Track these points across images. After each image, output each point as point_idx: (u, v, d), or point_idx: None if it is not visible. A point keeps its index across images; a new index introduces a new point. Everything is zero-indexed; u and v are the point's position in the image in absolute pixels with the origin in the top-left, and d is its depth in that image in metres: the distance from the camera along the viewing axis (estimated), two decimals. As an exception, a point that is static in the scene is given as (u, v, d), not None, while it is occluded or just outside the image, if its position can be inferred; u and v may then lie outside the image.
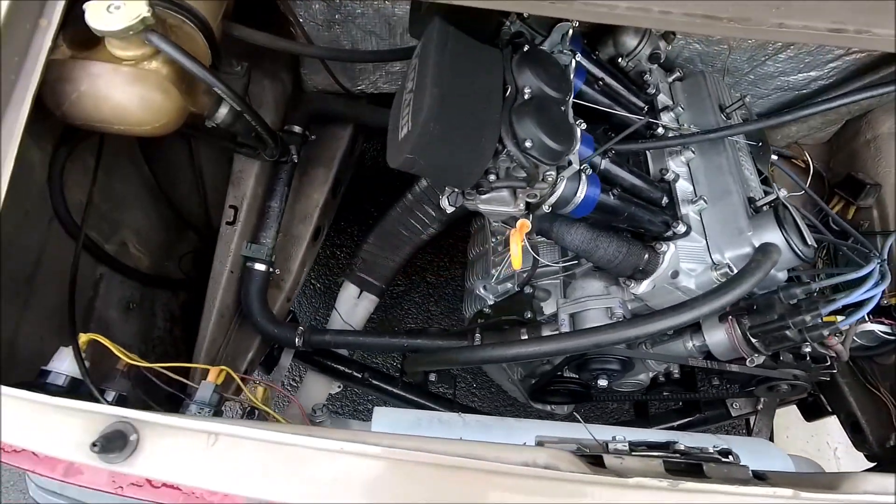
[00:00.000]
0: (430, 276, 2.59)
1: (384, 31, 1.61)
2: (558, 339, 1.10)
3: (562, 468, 0.70)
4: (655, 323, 1.01)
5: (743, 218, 1.24)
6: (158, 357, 1.69)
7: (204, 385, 0.92)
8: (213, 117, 1.14)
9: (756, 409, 1.72)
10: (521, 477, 0.67)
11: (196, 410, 0.92)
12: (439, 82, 0.88)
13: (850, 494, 0.70)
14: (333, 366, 1.72)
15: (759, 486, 0.71)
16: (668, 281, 1.25)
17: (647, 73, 1.53)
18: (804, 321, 1.10)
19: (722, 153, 1.36)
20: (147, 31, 0.92)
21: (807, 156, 1.80)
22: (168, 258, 1.81)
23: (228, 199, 1.54)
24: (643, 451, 0.76)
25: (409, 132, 0.89)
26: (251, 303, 1.51)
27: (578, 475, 0.68)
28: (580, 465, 0.72)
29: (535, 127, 0.91)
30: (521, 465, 0.70)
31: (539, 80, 0.99)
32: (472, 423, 1.37)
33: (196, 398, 0.93)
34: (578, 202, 1.09)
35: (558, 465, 0.71)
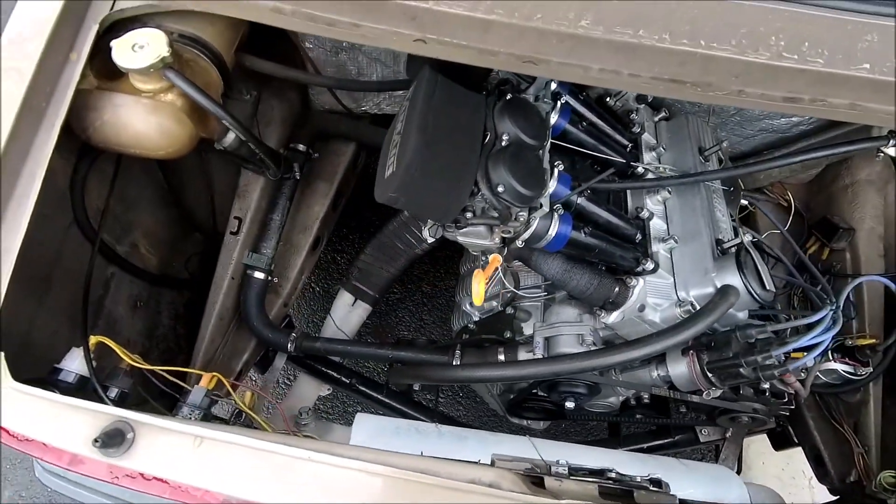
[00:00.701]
0: (425, 285, 2.68)
1: (388, 59, 1.71)
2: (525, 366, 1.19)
3: (503, 487, 0.80)
4: (614, 356, 1.10)
5: (709, 259, 1.31)
6: (161, 353, 1.80)
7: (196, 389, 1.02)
8: (221, 141, 1.25)
9: (724, 436, 1.79)
10: (466, 493, 0.76)
11: (188, 412, 1.02)
12: (423, 131, 0.97)
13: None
14: (324, 370, 1.82)
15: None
16: (635, 313, 1.34)
17: (634, 112, 1.62)
18: (756, 361, 1.18)
19: (697, 195, 1.44)
20: (165, 68, 1.03)
21: (789, 195, 1.87)
22: (175, 259, 1.93)
23: (234, 211, 1.65)
24: (581, 476, 0.84)
25: (394, 173, 0.98)
26: (249, 308, 1.61)
27: (517, 494, 0.77)
28: (520, 486, 0.81)
29: (508, 173, 1.00)
30: (467, 483, 0.79)
31: (517, 127, 1.08)
32: (446, 435, 1.46)
33: (188, 401, 1.03)
34: (550, 239, 1.17)
35: (500, 484, 0.80)
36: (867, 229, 1.69)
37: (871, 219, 1.69)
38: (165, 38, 1.03)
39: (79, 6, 1.07)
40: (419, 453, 1.16)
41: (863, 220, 1.70)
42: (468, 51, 1.02)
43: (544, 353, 1.44)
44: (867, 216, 1.69)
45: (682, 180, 1.34)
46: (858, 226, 1.70)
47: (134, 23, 1.12)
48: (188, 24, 1.14)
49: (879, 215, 1.69)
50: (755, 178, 1.80)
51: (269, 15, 1.06)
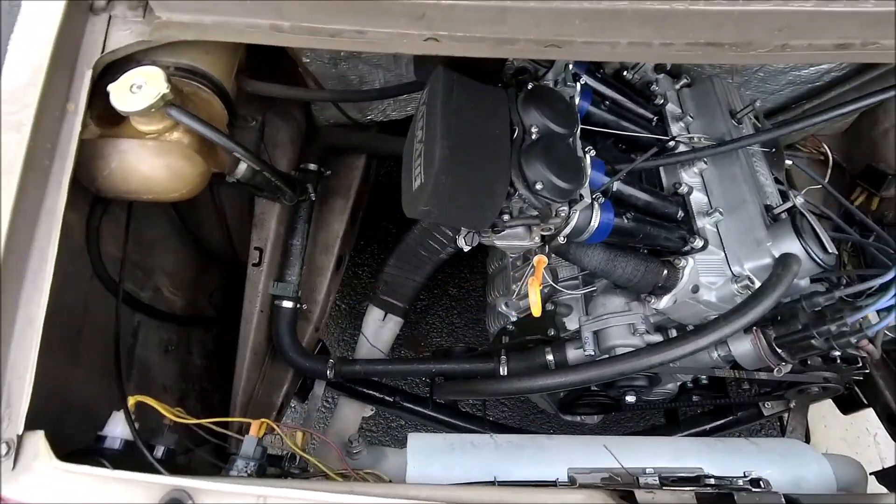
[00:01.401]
0: (451, 288, 2.62)
1: (390, 63, 1.64)
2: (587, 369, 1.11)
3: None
4: (679, 348, 1.03)
5: (760, 228, 1.23)
6: (198, 394, 1.76)
7: (248, 440, 0.97)
8: (233, 174, 1.19)
9: (789, 407, 1.71)
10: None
11: (243, 466, 0.97)
12: (448, 134, 0.90)
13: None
14: (365, 391, 1.77)
15: (792, 517, 0.72)
16: (689, 296, 1.26)
17: (654, 83, 1.53)
18: (829, 330, 1.10)
19: (735, 162, 1.35)
20: (167, 105, 0.97)
21: (825, 148, 1.77)
22: (199, 296, 1.89)
23: (253, 242, 1.60)
24: (674, 485, 0.78)
25: (423, 184, 0.92)
26: (282, 339, 1.56)
27: (609, 518, 0.71)
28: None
29: (545, 168, 0.93)
30: (552, 511, 0.73)
31: (545, 118, 1.01)
32: (503, 445, 1.39)
33: (241, 453, 0.98)
34: (593, 231, 1.10)
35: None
36: (916, 173, 1.59)
37: (919, 161, 1.59)
38: (163, 74, 0.97)
39: (68, 53, 1.01)
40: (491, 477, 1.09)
41: (910, 164, 1.60)
42: (485, 43, 0.94)
43: (595, 348, 1.37)
44: (914, 159, 1.60)
45: (721, 148, 1.26)
46: (906, 170, 1.60)
47: (128, 62, 1.07)
48: (183, 56, 1.09)
49: (927, 156, 1.59)
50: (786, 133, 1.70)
51: (267, 35, 0.99)
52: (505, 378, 1.30)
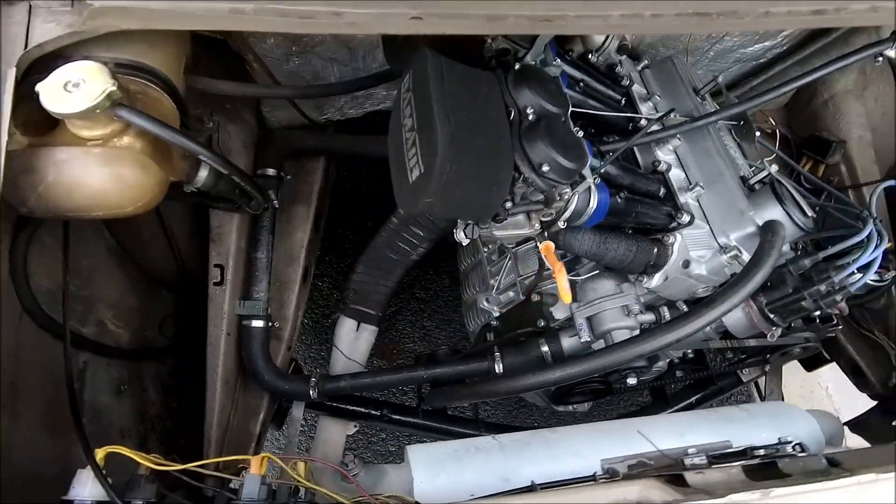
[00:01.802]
0: (418, 291, 2.54)
1: (345, 57, 1.55)
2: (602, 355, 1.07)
3: (655, 500, 0.69)
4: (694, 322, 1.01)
5: (741, 198, 1.26)
6: (160, 434, 1.58)
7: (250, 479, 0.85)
8: (192, 182, 1.06)
9: (764, 371, 1.77)
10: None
11: (249, 510, 0.84)
12: (446, 120, 0.83)
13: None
14: (349, 408, 1.65)
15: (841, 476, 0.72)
16: (680, 271, 1.26)
17: (618, 65, 1.54)
18: (819, 291, 1.13)
19: (707, 137, 1.38)
20: (115, 106, 0.83)
21: (771, 121, 1.86)
22: (147, 326, 1.69)
23: (212, 258, 1.45)
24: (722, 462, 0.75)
25: (423, 175, 0.84)
26: (256, 362, 1.42)
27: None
28: (670, 492, 0.70)
29: (549, 149, 0.89)
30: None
31: (539, 97, 0.96)
32: (509, 445, 1.33)
33: (244, 495, 0.85)
34: (591, 212, 1.07)
35: (650, 498, 0.69)
36: (856, 138, 1.70)
37: (858, 127, 1.70)
38: (105, 69, 0.83)
39: (-19, 51, 0.85)
40: (503, 480, 1.03)
41: (850, 131, 1.71)
42: (473, 20, 0.88)
43: (590, 334, 1.35)
44: (853, 126, 1.70)
45: (697, 123, 1.27)
46: (847, 136, 1.71)
47: (55, 60, 0.91)
48: (123, 50, 0.94)
49: (864, 123, 1.70)
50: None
51: (227, 20, 0.88)
52: (509, 376, 1.24)
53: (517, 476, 1.24)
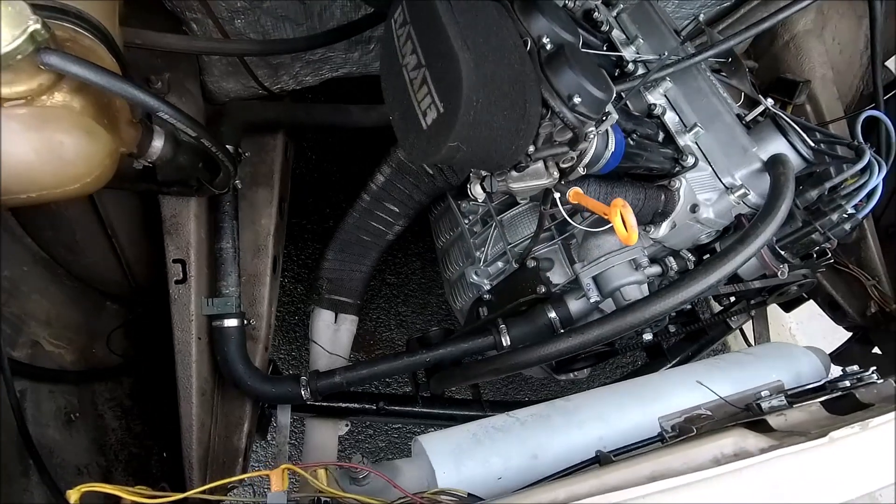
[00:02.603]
0: (389, 276, 2.39)
1: (299, 14, 1.37)
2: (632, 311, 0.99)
3: (752, 448, 0.61)
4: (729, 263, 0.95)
5: (742, 135, 1.22)
6: (126, 464, 1.37)
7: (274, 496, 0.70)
8: (145, 154, 0.86)
9: (751, 316, 1.79)
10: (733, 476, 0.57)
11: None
12: (465, 45, 0.71)
13: None
14: (340, 406, 1.50)
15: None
16: (688, 217, 1.21)
17: (595, 10, 1.46)
18: (831, 221, 1.11)
19: (698, 77, 1.33)
20: (41, 50, 0.64)
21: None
22: (93, 342, 1.46)
23: (170, 254, 1.24)
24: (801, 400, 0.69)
25: (444, 114, 0.71)
26: (235, 367, 1.24)
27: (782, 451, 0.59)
28: (764, 438, 0.63)
29: (580, 77, 0.78)
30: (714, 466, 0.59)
31: (554, 24, 0.85)
32: (528, 420, 1.25)
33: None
34: (609, 156, 0.99)
35: (746, 448, 0.62)
36: (819, 77, 1.73)
37: (820, 66, 1.73)
38: (24, 4, 0.64)
39: None
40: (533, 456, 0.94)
41: (813, 70, 1.73)
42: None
43: (597, 294, 1.28)
44: (816, 64, 1.73)
45: (693, 60, 1.21)
46: (811, 76, 1.73)
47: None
48: (44, -10, 0.74)
49: (826, 61, 1.73)
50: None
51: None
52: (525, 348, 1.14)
53: (546, 451, 1.16)
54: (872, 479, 0.59)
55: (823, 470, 0.59)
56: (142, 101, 0.71)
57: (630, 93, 1.02)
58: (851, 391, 0.71)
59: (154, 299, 1.36)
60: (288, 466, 0.72)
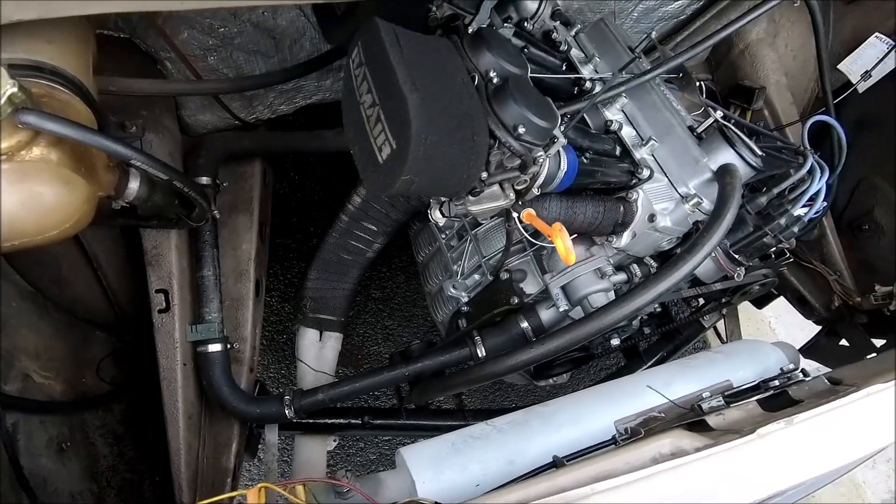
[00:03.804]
0: (374, 291, 2.44)
1: (270, 48, 1.43)
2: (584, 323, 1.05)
3: (687, 448, 0.67)
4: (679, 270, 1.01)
5: (694, 146, 1.28)
6: (119, 490, 1.40)
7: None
8: (122, 196, 0.91)
9: (723, 314, 1.86)
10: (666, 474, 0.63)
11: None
12: (414, 86, 0.77)
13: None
14: (326, 422, 1.55)
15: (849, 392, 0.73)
16: (647, 226, 1.28)
17: (553, 31, 1.53)
18: (780, 225, 1.18)
19: (651, 92, 1.40)
20: (19, 111, 0.69)
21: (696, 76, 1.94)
22: (83, 372, 1.50)
23: (152, 284, 1.29)
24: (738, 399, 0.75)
25: (397, 150, 0.77)
26: (221, 390, 1.29)
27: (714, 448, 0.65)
28: (700, 438, 0.69)
29: (522, 108, 0.84)
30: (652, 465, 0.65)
31: (500, 59, 0.91)
32: (505, 428, 1.30)
33: None
34: (563, 175, 1.05)
35: (682, 447, 0.68)
36: (774, 83, 1.81)
37: (774, 73, 1.81)
38: (2, 69, 0.69)
39: None
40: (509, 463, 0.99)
41: (767, 77, 1.81)
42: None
43: (567, 303, 1.34)
44: (770, 71, 1.81)
45: (643, 78, 1.28)
46: (766, 82, 1.81)
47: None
48: (20, 48, 0.79)
49: (778, 68, 1.81)
50: (666, 67, 1.83)
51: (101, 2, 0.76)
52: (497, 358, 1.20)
53: (523, 456, 1.21)
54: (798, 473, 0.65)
55: (752, 465, 0.64)
56: (114, 152, 0.76)
57: (580, 114, 1.08)
58: (785, 389, 0.77)
59: (141, 327, 1.41)
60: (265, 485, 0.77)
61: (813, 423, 0.68)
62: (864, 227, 1.84)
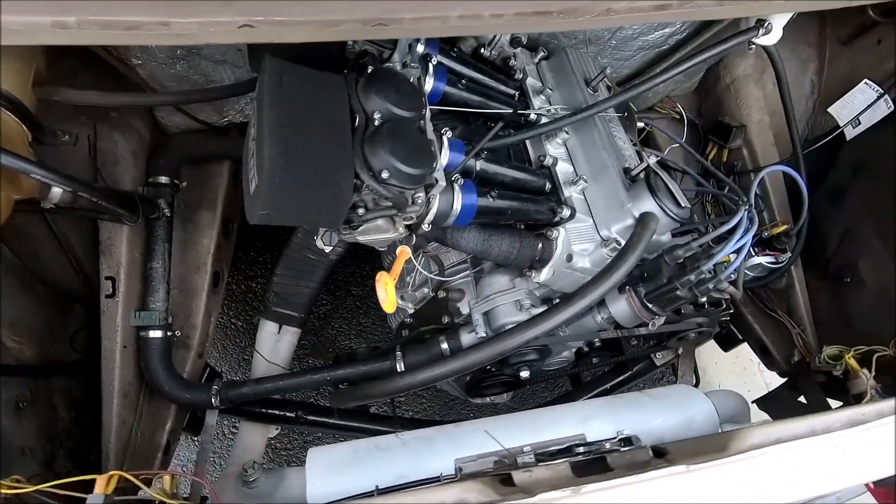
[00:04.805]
0: (354, 288, 2.53)
1: (237, 58, 1.51)
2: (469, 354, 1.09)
3: (472, 501, 0.70)
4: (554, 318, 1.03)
5: (622, 191, 1.27)
6: (69, 451, 1.56)
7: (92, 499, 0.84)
8: (47, 199, 1.03)
9: (677, 354, 1.82)
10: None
11: (90, 531, 0.84)
12: (277, 129, 0.82)
13: (736, 455, 0.75)
14: (264, 412, 1.65)
15: (657, 468, 0.74)
16: (564, 265, 1.28)
17: (513, 58, 1.53)
18: (690, 280, 1.16)
19: (594, 129, 1.39)
20: (-70, 128, 0.80)
21: (679, 107, 1.88)
22: (57, 341, 1.66)
23: (103, 271, 1.42)
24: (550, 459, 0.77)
25: (258, 187, 0.83)
26: (155, 373, 1.41)
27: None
28: (488, 493, 0.72)
29: (389, 155, 0.88)
30: (431, 512, 0.69)
31: (388, 102, 0.95)
32: (410, 442, 1.35)
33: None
34: (458, 213, 1.08)
35: (468, 499, 0.71)
36: (756, 122, 1.73)
37: (757, 111, 1.73)
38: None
39: None
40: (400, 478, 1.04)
41: (750, 115, 1.74)
42: (306, 27, 0.87)
43: (486, 329, 1.37)
44: (753, 109, 1.73)
45: (575, 118, 1.28)
46: (748, 121, 1.74)
47: None
48: (-46, 68, 0.91)
49: (763, 106, 1.73)
50: (644, 98, 1.79)
51: (49, 34, 0.85)
52: (394, 377, 1.25)
53: (417, 473, 1.25)
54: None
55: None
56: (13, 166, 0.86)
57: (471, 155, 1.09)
58: (604, 455, 0.78)
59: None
60: (117, 473, 0.86)
61: (598, 496, 0.69)
62: (846, 279, 1.74)
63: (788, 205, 1.71)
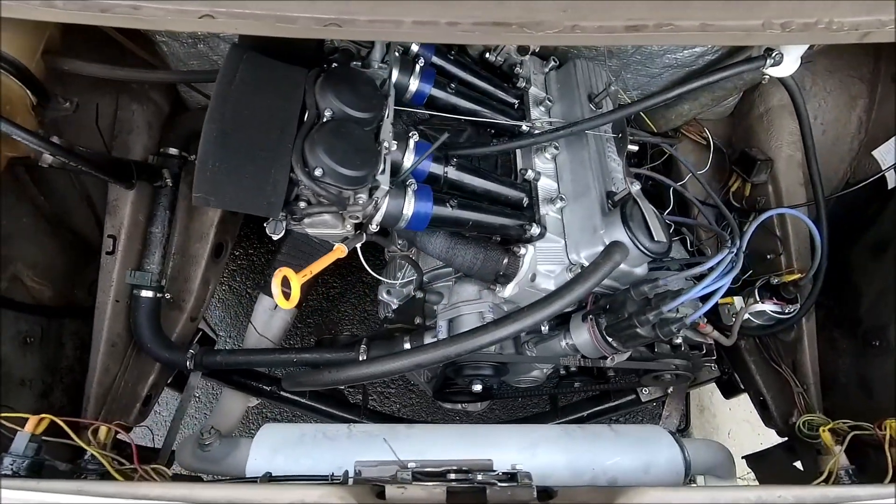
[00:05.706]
0: (365, 276, 2.57)
1: (254, 42, 1.58)
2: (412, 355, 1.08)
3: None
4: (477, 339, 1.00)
5: (598, 216, 1.21)
6: (66, 387, 1.71)
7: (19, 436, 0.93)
8: (41, 160, 1.13)
9: (667, 392, 1.72)
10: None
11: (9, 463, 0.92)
12: (216, 117, 0.86)
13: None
14: (243, 381, 1.73)
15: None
16: (528, 284, 1.24)
17: (519, 65, 1.49)
18: (648, 319, 1.09)
19: (585, 147, 1.33)
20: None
21: (706, 132, 1.76)
22: (77, 286, 1.82)
23: (106, 229, 1.54)
24: (427, 479, 0.76)
25: (197, 170, 0.87)
26: (140, 330, 1.52)
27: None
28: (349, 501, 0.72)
29: (325, 154, 0.89)
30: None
31: (340, 101, 0.96)
32: (357, 436, 1.37)
33: (10, 449, 0.93)
34: (408, 218, 1.07)
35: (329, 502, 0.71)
36: (785, 157, 1.58)
37: (788, 146, 1.58)
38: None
39: None
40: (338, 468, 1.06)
41: (780, 149, 1.59)
42: (263, 21, 0.89)
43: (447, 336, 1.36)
44: (784, 143, 1.58)
45: (558, 133, 1.23)
46: (776, 155, 1.59)
47: None
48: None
49: (795, 141, 1.57)
50: (667, 118, 1.69)
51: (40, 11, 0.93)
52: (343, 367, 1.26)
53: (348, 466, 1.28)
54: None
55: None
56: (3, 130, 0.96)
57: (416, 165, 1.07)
58: (485, 486, 0.75)
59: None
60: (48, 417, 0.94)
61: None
62: (875, 343, 1.57)
63: (810, 252, 1.55)
